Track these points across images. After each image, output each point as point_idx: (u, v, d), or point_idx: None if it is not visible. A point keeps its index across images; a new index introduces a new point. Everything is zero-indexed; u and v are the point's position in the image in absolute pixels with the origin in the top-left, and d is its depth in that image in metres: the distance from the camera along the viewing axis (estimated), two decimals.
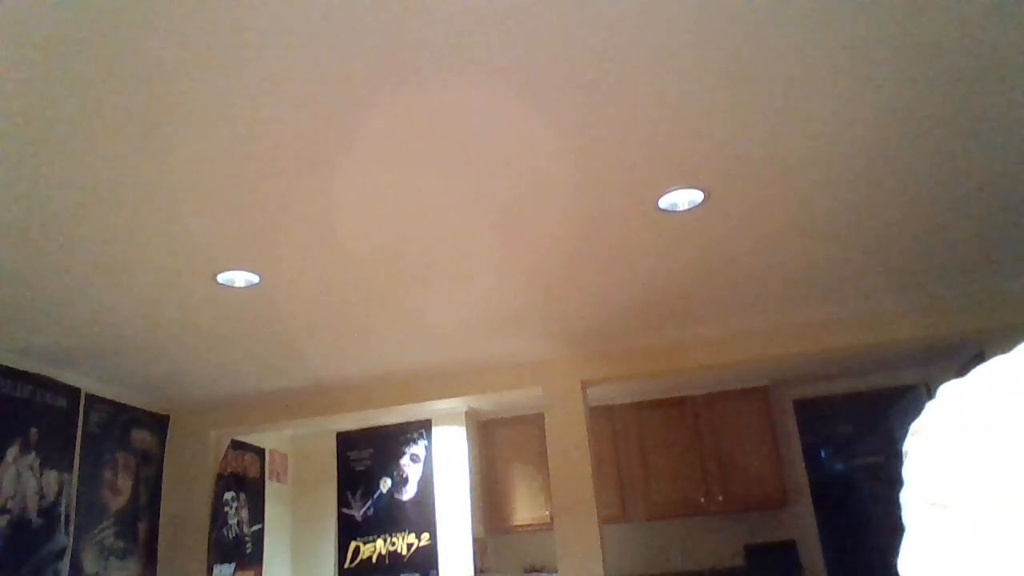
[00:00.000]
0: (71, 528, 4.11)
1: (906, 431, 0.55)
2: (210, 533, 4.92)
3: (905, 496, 0.52)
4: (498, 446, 6.05)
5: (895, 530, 0.53)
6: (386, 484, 5.79)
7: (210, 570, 4.86)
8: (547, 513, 5.66)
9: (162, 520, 4.88)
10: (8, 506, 3.70)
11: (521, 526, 5.85)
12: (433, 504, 5.64)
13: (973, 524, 0.46)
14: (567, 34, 1.93)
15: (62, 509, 4.05)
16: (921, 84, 2.26)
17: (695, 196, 2.84)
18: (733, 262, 3.51)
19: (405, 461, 5.80)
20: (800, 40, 2.02)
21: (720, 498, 5.67)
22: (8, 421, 3.78)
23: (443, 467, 5.72)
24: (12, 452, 3.77)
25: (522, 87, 2.13)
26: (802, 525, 5.78)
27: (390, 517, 5.71)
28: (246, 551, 5.33)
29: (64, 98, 2.00)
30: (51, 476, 4.00)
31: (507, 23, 1.87)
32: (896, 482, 0.54)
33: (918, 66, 2.17)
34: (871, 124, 2.46)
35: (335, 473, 5.95)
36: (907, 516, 0.52)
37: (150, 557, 4.75)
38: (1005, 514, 0.45)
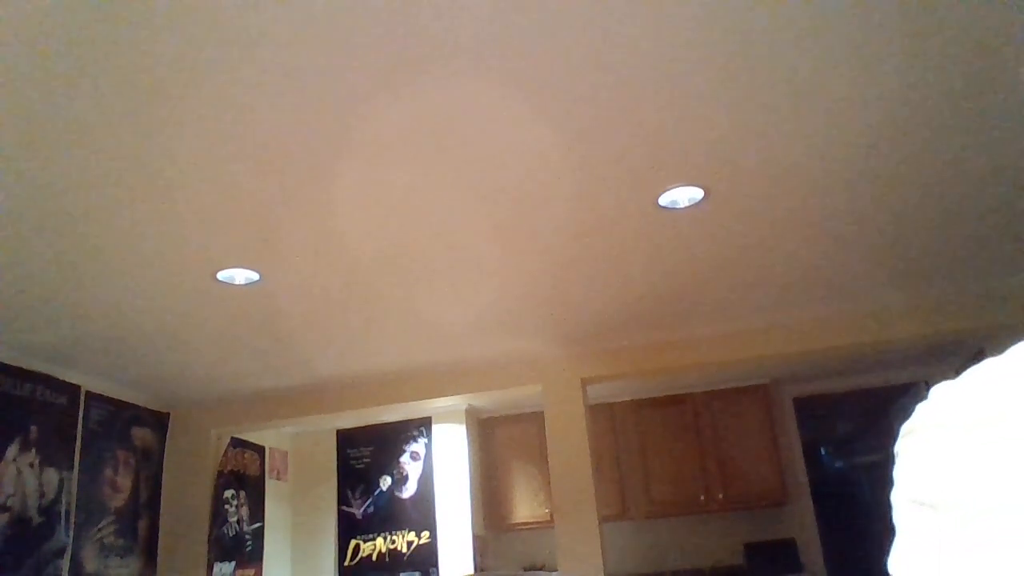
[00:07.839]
0: (71, 526, 4.11)
1: None
2: (210, 531, 4.92)
3: (895, 496, 0.52)
4: (498, 444, 6.05)
5: (893, 529, 0.53)
6: (386, 482, 5.80)
7: (210, 568, 4.87)
8: (547, 511, 5.65)
9: (162, 518, 4.89)
10: (8, 504, 3.71)
11: (521, 524, 5.85)
12: (433, 502, 5.64)
13: (961, 523, 0.46)
14: (567, 33, 1.92)
15: (62, 507, 4.06)
16: (921, 83, 2.26)
17: (695, 193, 2.84)
18: (733, 259, 3.51)
19: (405, 459, 5.80)
20: (800, 38, 2.02)
21: (720, 496, 5.66)
22: (8, 419, 3.78)
23: (443, 465, 5.72)
24: (12, 450, 3.77)
25: (523, 86, 2.12)
26: (802, 523, 5.77)
27: (390, 515, 5.71)
28: (246, 549, 5.33)
29: (64, 96, 2.00)
30: (51, 474, 4.00)
31: (508, 23, 1.87)
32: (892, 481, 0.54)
33: (918, 65, 2.17)
34: (871, 123, 2.45)
35: (335, 471, 5.95)
36: (897, 516, 0.52)
37: (150, 555, 4.75)
38: (992, 513, 0.44)
